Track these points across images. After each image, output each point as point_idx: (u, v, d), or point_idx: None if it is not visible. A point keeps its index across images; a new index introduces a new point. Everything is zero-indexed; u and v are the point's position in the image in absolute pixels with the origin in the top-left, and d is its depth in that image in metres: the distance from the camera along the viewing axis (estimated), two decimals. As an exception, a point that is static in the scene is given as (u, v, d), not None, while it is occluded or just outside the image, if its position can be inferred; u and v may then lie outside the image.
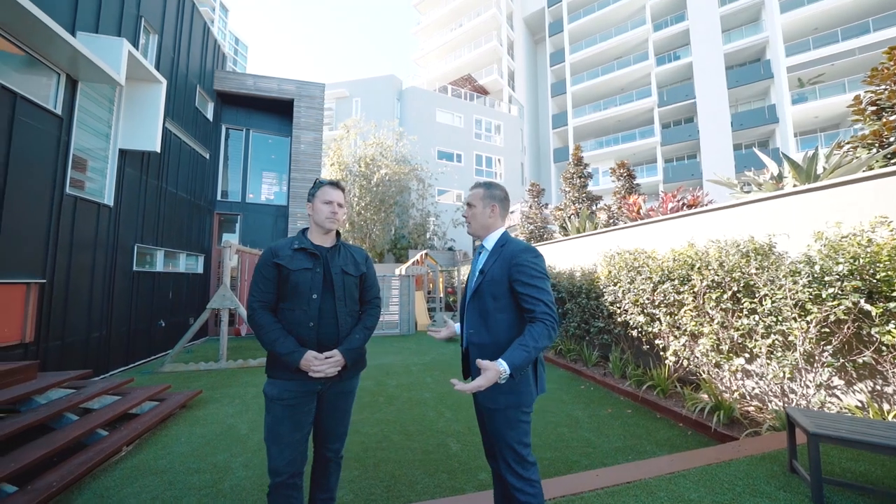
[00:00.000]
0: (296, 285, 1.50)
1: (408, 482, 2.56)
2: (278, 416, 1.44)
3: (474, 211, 1.58)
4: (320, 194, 1.61)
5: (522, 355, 1.27)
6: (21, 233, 4.02)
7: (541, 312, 1.35)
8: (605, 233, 6.13)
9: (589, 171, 9.89)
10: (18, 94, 3.95)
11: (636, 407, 3.91)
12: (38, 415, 2.72)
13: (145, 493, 2.38)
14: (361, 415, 3.80)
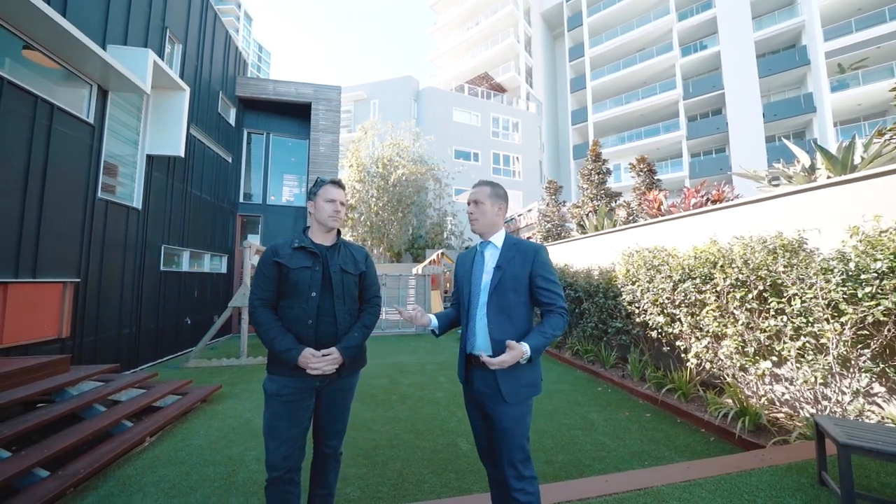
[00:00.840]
0: (295, 283, 1.52)
1: (415, 481, 2.55)
2: (276, 411, 1.46)
3: (483, 208, 1.60)
4: (322, 193, 1.63)
5: (541, 341, 1.40)
6: (57, 235, 4.31)
7: (559, 306, 1.48)
8: (623, 230, 5.93)
9: (608, 166, 9.60)
10: (55, 105, 4.23)
11: (655, 411, 3.76)
12: (69, 405, 2.90)
13: (164, 483, 2.48)
14: (374, 412, 3.83)
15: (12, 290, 3.76)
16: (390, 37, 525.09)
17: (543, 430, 3.35)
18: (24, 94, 3.93)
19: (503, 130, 25.04)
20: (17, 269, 3.83)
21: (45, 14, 3.82)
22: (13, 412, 2.93)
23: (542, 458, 2.83)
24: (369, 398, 4.26)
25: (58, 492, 2.24)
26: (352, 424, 3.47)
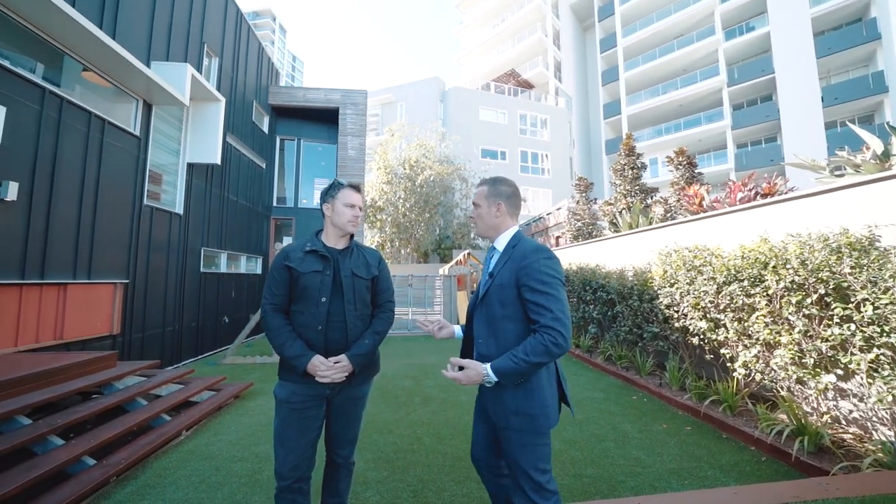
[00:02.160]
0: (305, 288, 1.49)
1: (436, 488, 2.49)
2: (285, 418, 1.44)
3: (479, 211, 1.50)
4: (342, 196, 1.57)
5: (510, 366, 1.20)
6: (109, 239, 4.68)
7: (543, 325, 1.20)
8: (660, 228, 5.55)
9: (642, 161, 9.05)
10: (106, 120, 4.60)
11: (697, 424, 3.46)
12: (115, 398, 3.12)
13: (195, 476, 2.59)
14: (396, 415, 3.81)
15: (71, 290, 4.13)
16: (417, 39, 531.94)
17: (572, 440, 3.18)
18: (80, 111, 4.30)
19: (531, 127, 24.51)
20: (75, 271, 4.19)
21: (104, 42, 4.18)
22: (72, 402, 3.20)
23: (569, 472, 2.67)
24: (392, 399, 4.25)
25: (101, 480, 2.40)
26: (374, 427, 3.48)
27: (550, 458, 1.32)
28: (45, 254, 3.87)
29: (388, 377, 5.19)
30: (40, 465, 2.32)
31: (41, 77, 3.98)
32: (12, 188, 3.51)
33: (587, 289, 6.27)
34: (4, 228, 3.54)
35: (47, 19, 3.81)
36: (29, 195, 3.73)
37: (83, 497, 2.27)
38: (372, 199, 17.88)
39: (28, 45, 3.92)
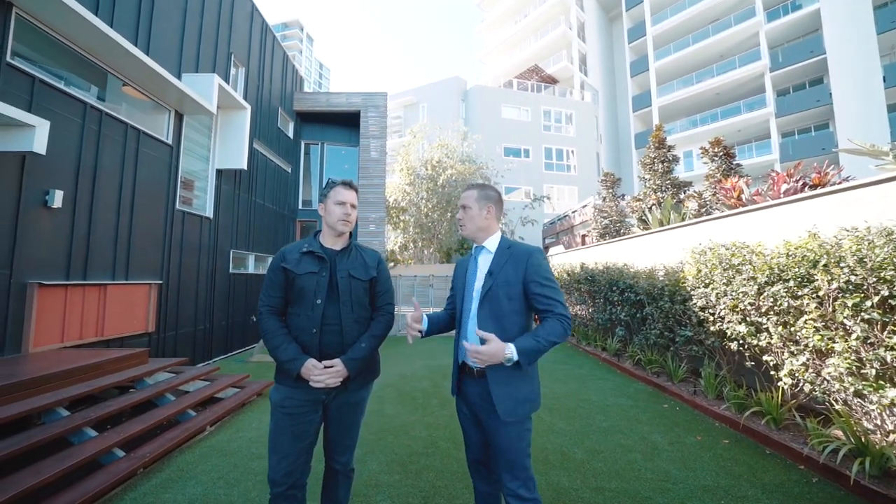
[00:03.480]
0: (301, 290, 1.46)
1: (448, 495, 2.42)
2: (280, 423, 1.41)
3: (470, 213, 1.55)
4: (333, 195, 1.55)
5: (532, 344, 1.28)
6: (144, 243, 4.97)
7: (558, 312, 1.36)
8: (693, 224, 5.19)
9: (673, 153, 8.51)
10: (141, 131, 4.89)
11: (736, 437, 3.17)
12: (146, 393, 3.28)
13: (214, 472, 2.66)
14: (412, 416, 3.77)
15: (110, 290, 4.41)
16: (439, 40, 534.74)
17: (595, 450, 3.00)
18: (118, 123, 4.59)
19: (555, 123, 23.88)
20: (114, 273, 4.48)
21: (142, 60, 4.48)
22: (110, 395, 3.40)
23: (591, 484, 2.51)
24: (409, 401, 4.21)
25: (129, 471, 2.51)
26: (389, 428, 3.46)
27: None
28: (87, 256, 4.16)
29: (406, 378, 5.17)
30: (74, 455, 2.46)
31: (95, 96, 4.31)
32: (58, 196, 3.80)
33: (614, 289, 5.97)
34: (52, 233, 3.83)
35: (92, 41, 4.12)
36: (73, 202, 4.02)
37: (112, 487, 2.39)
38: (395, 200, 18.07)
39: (75, 65, 4.23)
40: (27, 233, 3.62)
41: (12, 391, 2.68)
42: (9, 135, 3.26)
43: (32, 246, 3.66)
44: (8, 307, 3.46)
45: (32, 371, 2.96)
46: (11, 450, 2.29)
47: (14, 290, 3.51)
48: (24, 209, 3.59)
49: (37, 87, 3.69)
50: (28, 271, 3.62)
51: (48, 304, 3.74)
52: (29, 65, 3.69)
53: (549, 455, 2.93)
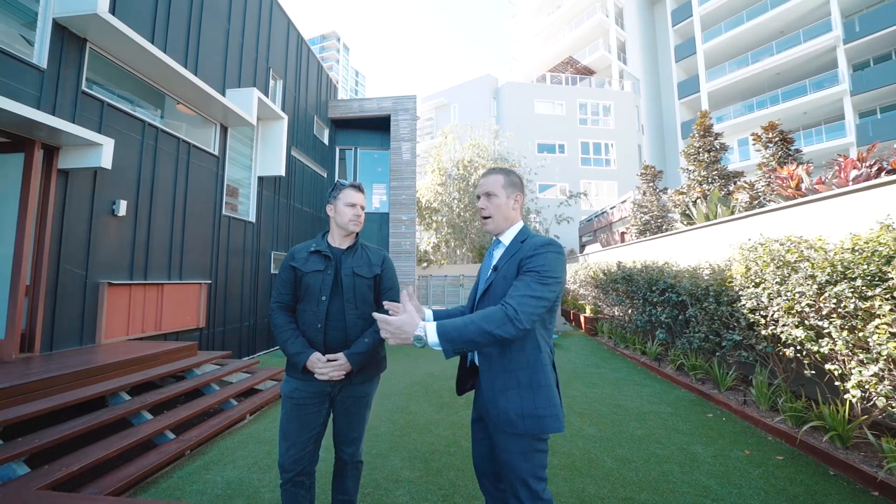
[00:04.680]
0: (308, 287, 1.53)
1: (466, 494, 2.41)
2: (288, 413, 1.49)
3: (497, 201, 1.35)
4: (343, 196, 1.60)
5: (457, 326, 1.06)
6: (195, 246, 5.45)
7: (512, 297, 1.11)
8: (743, 218, 4.75)
9: (721, 141, 7.79)
10: (192, 144, 5.38)
11: (792, 453, 2.86)
12: (194, 382, 3.60)
13: (250, 458, 2.85)
14: (438, 414, 3.80)
15: (167, 289, 4.89)
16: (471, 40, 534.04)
17: (626, 459, 2.84)
18: (171, 138, 5.08)
19: (592, 116, 22.92)
20: (170, 273, 4.96)
21: (193, 82, 4.93)
22: (164, 382, 3.77)
23: (619, 494, 2.38)
24: (436, 399, 4.24)
25: (178, 452, 2.77)
26: (413, 425, 3.51)
27: (546, 466, 1.23)
28: (147, 258, 4.65)
29: (434, 377, 5.21)
30: (133, 435, 2.76)
31: (152, 115, 4.83)
32: (123, 205, 4.28)
33: (653, 289, 5.61)
34: (118, 239, 4.33)
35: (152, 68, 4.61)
36: (135, 211, 4.51)
37: (163, 466, 2.65)
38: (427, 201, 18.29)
39: (136, 88, 4.76)
40: (98, 238, 4.11)
41: (89, 375, 3.07)
42: (83, 153, 3.73)
43: (103, 250, 4.16)
44: (84, 304, 3.95)
45: (103, 359, 3.36)
46: (88, 425, 2.64)
47: (89, 289, 4.00)
48: (96, 218, 4.09)
49: (105, 110, 4.19)
50: (100, 272, 4.12)
51: (116, 302, 4.23)
52: (98, 90, 4.19)
53: (576, 461, 2.82)
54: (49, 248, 3.62)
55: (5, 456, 2.17)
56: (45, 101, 3.60)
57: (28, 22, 3.58)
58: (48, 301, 3.63)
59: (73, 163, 3.73)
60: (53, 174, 3.66)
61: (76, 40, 3.90)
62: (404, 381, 4.99)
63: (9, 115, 3.06)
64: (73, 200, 3.87)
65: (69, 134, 3.45)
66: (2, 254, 3.44)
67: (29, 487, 2.05)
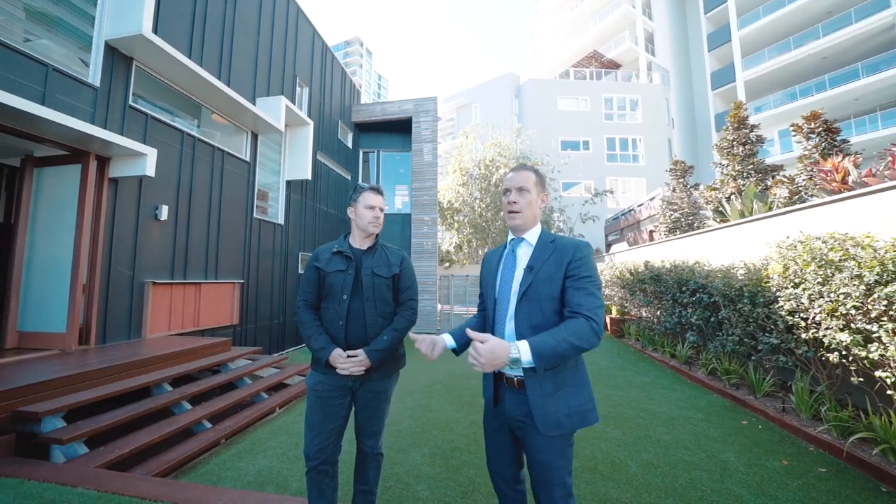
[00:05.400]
0: (330, 286, 1.61)
1: (486, 493, 2.43)
2: (312, 405, 1.57)
3: (529, 197, 1.34)
4: (362, 199, 1.67)
5: (550, 344, 1.07)
6: (229, 248, 5.78)
7: (588, 309, 1.14)
8: (781, 215, 4.48)
9: (758, 133, 7.32)
10: (225, 152, 5.71)
11: (836, 465, 2.68)
12: (228, 376, 3.83)
13: (280, 448, 3.00)
14: (459, 413, 3.83)
15: (204, 288, 5.22)
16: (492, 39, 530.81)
17: (652, 464, 2.76)
18: (207, 146, 5.42)
19: (618, 111, 22.21)
20: (206, 273, 5.29)
21: (227, 93, 5.25)
22: (203, 375, 4.03)
23: (643, 500, 2.33)
24: (457, 398, 4.28)
25: (213, 440, 2.96)
26: (434, 423, 3.55)
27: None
28: (186, 259, 4.98)
29: (456, 376, 5.25)
30: (175, 423, 2.97)
31: (190, 125, 5.19)
32: (164, 210, 4.61)
33: (683, 290, 5.39)
34: (160, 241, 4.67)
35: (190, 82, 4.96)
36: (175, 215, 4.84)
37: (201, 452, 2.84)
38: (448, 201, 18.36)
39: (176, 100, 5.10)
40: (144, 241, 4.45)
41: (136, 367, 3.34)
42: (130, 163, 4.06)
43: (147, 251, 4.50)
44: (132, 301, 4.29)
45: (148, 352, 3.64)
46: (135, 412, 2.88)
47: (136, 288, 4.34)
48: (142, 222, 4.43)
49: (149, 122, 4.53)
50: (145, 272, 4.46)
51: (159, 299, 4.57)
52: (143, 104, 4.54)
53: (598, 465, 2.77)
54: (102, 250, 3.97)
55: (70, 436, 2.42)
56: (98, 117, 3.95)
57: (84, 45, 3.94)
58: (101, 299, 3.97)
59: (121, 172, 4.07)
60: (105, 183, 4.01)
61: (124, 59, 4.25)
62: (425, 379, 5.06)
63: (69, 130, 3.39)
64: (121, 206, 4.22)
65: (119, 146, 3.77)
66: (62, 256, 3.81)
67: (88, 466, 2.27)
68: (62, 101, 3.62)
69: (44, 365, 3.14)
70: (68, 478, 2.10)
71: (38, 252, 3.87)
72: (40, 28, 3.67)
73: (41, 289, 3.81)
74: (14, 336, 3.73)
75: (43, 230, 3.89)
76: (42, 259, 3.86)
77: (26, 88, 3.35)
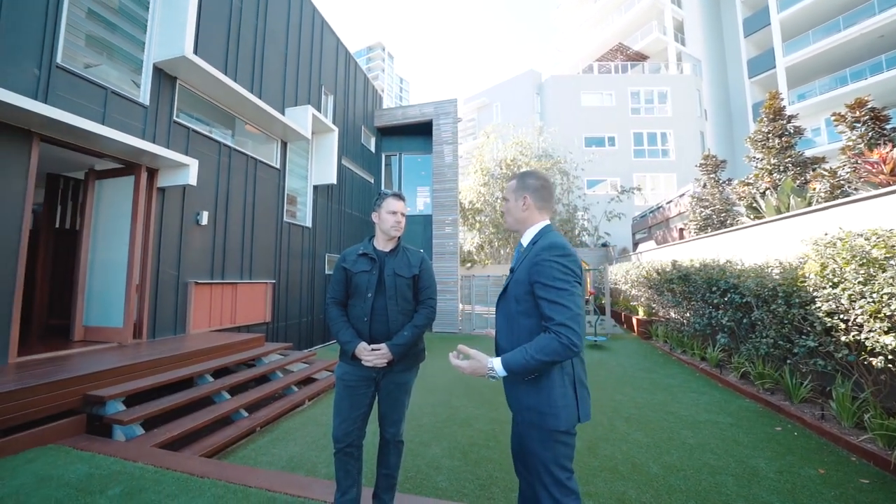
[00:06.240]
0: (357, 285, 1.76)
1: (503, 487, 2.50)
2: (340, 393, 1.73)
3: (508, 205, 1.50)
4: (385, 205, 1.82)
5: (519, 361, 1.18)
6: (262, 250, 6.15)
7: (557, 324, 1.16)
8: (820, 210, 4.24)
9: (796, 125, 6.87)
10: (258, 160, 6.07)
11: (882, 477, 2.53)
12: (262, 369, 4.11)
13: (309, 437, 3.21)
14: (478, 410, 3.91)
15: (240, 287, 5.59)
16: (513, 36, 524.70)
17: (674, 466, 2.73)
18: (241, 155, 5.80)
19: (645, 105, 21.43)
20: (242, 274, 5.66)
21: (259, 106, 5.62)
22: (240, 368, 4.34)
23: (663, 501, 2.32)
24: (477, 395, 4.35)
25: (250, 428, 3.21)
26: (454, 418, 3.65)
27: (573, 458, 1.30)
28: (224, 261, 5.36)
29: (476, 374, 5.32)
30: (216, 411, 3.25)
31: (225, 136, 5.59)
32: (204, 216, 5.00)
33: (713, 290, 5.19)
34: (202, 245, 5.06)
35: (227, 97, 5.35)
36: (213, 220, 5.23)
37: (239, 438, 3.09)
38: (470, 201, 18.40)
39: (214, 114, 5.50)
40: (187, 244, 4.85)
41: (182, 359, 3.66)
42: (175, 173, 4.44)
43: (190, 254, 4.89)
44: (177, 300, 4.69)
45: (192, 346, 3.97)
46: (182, 400, 3.19)
47: (181, 288, 4.74)
48: (185, 227, 4.82)
49: (190, 135, 4.92)
50: (188, 273, 4.85)
51: (200, 298, 4.95)
52: (184, 118, 4.94)
53: (618, 465, 2.77)
54: (151, 253, 4.37)
55: (130, 418, 2.73)
56: (147, 132, 4.35)
57: (136, 68, 4.35)
58: (151, 297, 4.37)
59: (167, 181, 4.46)
60: (154, 192, 4.41)
61: (169, 79, 4.65)
62: (446, 377, 5.16)
63: (124, 146, 3.77)
64: (168, 213, 4.62)
65: (166, 158, 4.15)
66: (119, 259, 4.23)
67: (145, 445, 2.55)
68: (118, 119, 4.03)
69: (106, 355, 3.52)
70: (130, 454, 2.38)
71: (98, 256, 4.33)
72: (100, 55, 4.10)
73: (102, 289, 4.25)
74: (81, 330, 4.19)
75: (103, 236, 4.34)
76: (102, 262, 4.30)
77: (88, 110, 3.76)
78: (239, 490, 2.17)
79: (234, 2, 5.64)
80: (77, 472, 2.28)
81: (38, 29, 3.40)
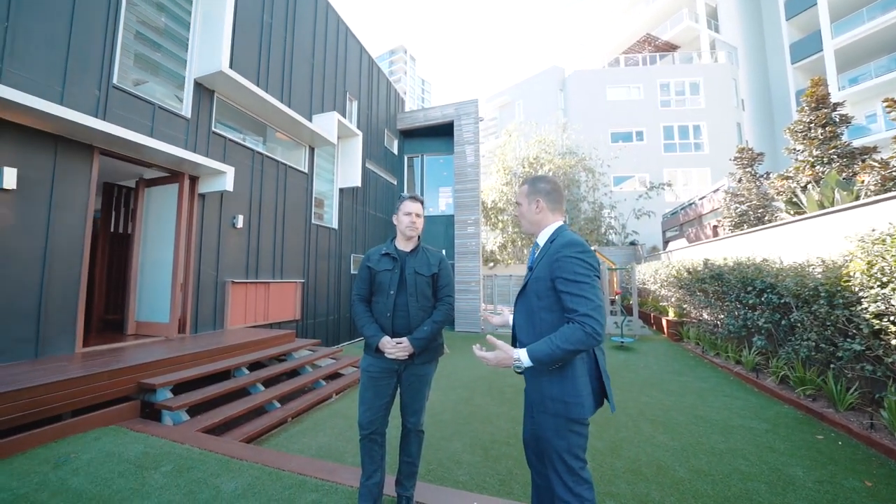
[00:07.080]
0: (379, 283, 1.89)
1: (522, 482, 2.54)
2: (365, 383, 1.85)
3: (521, 209, 1.58)
4: (402, 207, 1.95)
5: (545, 351, 1.24)
6: (292, 251, 6.47)
7: (581, 315, 1.23)
8: (868, 204, 3.95)
9: (842, 113, 6.35)
10: (288, 165, 6.39)
11: (934, 492, 2.36)
12: (293, 364, 4.35)
13: (336, 429, 3.37)
14: (500, 408, 3.94)
15: (273, 286, 5.91)
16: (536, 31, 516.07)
17: (702, 470, 2.66)
18: (273, 161, 6.13)
19: (676, 97, 20.49)
20: (273, 273, 5.99)
21: (289, 115, 5.93)
22: (272, 362, 4.60)
23: (688, 504, 2.27)
24: (498, 394, 4.38)
25: (281, 418, 3.42)
26: (476, 416, 3.71)
27: (586, 448, 1.35)
28: (258, 262, 5.70)
29: (498, 373, 5.34)
30: (251, 401, 3.48)
31: (258, 144, 5.93)
32: (240, 219, 5.33)
33: (749, 290, 4.95)
34: (238, 246, 5.40)
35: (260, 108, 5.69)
36: (248, 223, 5.57)
37: (272, 428, 3.30)
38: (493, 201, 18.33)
39: (247, 123, 5.86)
40: (225, 246, 5.19)
41: (220, 353, 3.95)
42: (214, 180, 4.78)
43: (228, 255, 5.24)
44: (216, 298, 5.03)
45: (229, 341, 4.26)
46: (222, 390, 3.45)
47: (219, 286, 5.08)
48: (223, 230, 5.17)
49: (227, 144, 5.27)
50: (226, 273, 5.20)
51: (237, 296, 5.29)
52: (221, 128, 5.29)
53: (642, 467, 2.73)
54: (193, 254, 4.72)
55: (177, 405, 3.00)
56: (189, 143, 4.70)
57: (179, 84, 4.72)
58: (193, 295, 4.73)
59: (207, 188, 4.81)
60: (195, 198, 4.76)
61: (208, 92, 5.00)
62: (468, 375, 5.22)
63: (170, 156, 4.11)
64: (207, 217, 4.97)
65: (205, 166, 4.47)
66: (165, 259, 4.60)
67: (190, 430, 2.79)
68: (164, 132, 4.39)
69: (155, 348, 3.86)
70: (177, 437, 2.62)
71: (148, 257, 4.73)
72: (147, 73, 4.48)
73: (150, 287, 4.65)
74: (133, 325, 4.61)
75: (151, 239, 4.74)
76: (151, 263, 4.70)
77: (139, 124, 4.13)
78: (273, 472, 2.34)
79: (264, 17, 5.97)
80: (135, 450, 2.55)
81: (97, 53, 3.78)
